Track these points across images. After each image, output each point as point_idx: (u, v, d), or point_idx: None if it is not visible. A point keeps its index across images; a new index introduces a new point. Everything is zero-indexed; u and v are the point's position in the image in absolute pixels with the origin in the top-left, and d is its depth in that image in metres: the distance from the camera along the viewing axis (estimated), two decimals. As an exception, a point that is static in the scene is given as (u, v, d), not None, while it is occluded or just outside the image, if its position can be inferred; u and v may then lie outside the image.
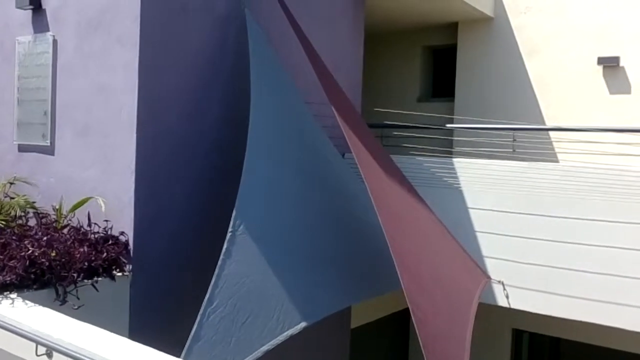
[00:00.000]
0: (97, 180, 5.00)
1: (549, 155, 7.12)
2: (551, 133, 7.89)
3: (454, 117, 8.42)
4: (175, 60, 5.07)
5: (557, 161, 7.34)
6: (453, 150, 7.46)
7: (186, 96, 5.16)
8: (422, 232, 5.17)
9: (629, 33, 7.84)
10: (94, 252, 4.43)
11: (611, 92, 7.95)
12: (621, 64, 7.88)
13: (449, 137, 7.34)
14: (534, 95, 8.49)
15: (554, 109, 8.34)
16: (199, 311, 4.07)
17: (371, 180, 4.55)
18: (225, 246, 4.31)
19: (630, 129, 6.10)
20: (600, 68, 8.01)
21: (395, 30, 9.66)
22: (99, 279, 4.39)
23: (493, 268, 6.06)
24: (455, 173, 6.35)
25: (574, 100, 8.18)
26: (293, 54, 5.86)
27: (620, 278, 5.43)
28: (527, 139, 6.62)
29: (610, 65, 7.91)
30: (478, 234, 6.19)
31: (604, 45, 8.01)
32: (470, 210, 6.24)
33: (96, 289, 4.31)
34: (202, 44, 5.30)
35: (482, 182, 6.21)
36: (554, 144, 7.74)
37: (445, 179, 6.36)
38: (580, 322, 5.72)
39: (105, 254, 4.47)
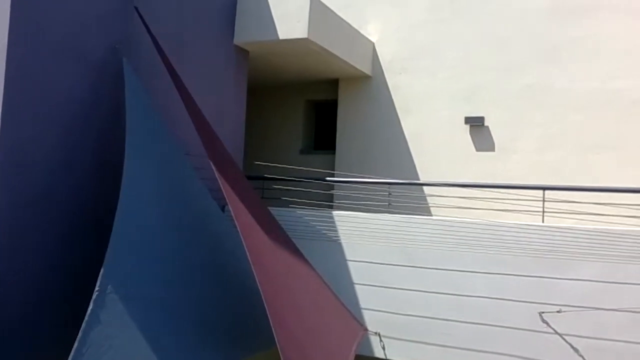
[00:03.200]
0: (-53, 235, 4.56)
1: (422, 209, 7.47)
2: (425, 188, 8.29)
3: (335, 171, 8.63)
4: (43, 107, 4.82)
5: (430, 215, 7.70)
6: (333, 203, 7.61)
7: (53, 146, 4.90)
8: (299, 287, 5.17)
9: (492, 96, 8.53)
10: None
11: (477, 150, 8.55)
12: (486, 123, 8.52)
13: (329, 191, 7.50)
14: (409, 151, 8.93)
15: (427, 164, 8.80)
16: (58, 379, 3.76)
17: (247, 235, 4.51)
18: (91, 307, 4.03)
19: (494, 185, 6.53)
20: (467, 127, 8.61)
21: (279, 84, 9.86)
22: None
23: (370, 320, 6.16)
24: (334, 226, 6.46)
25: (444, 156, 8.70)
26: (174, 105, 5.78)
27: (492, 327, 5.72)
28: (402, 193, 6.90)
29: (476, 124, 8.53)
30: (356, 286, 6.29)
31: (470, 106, 8.64)
32: (349, 263, 6.35)
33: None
34: (74, 91, 5.09)
35: (360, 234, 6.36)
36: (428, 198, 8.14)
37: (325, 231, 6.45)
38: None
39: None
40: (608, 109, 7.88)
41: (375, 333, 6.02)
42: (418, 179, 8.67)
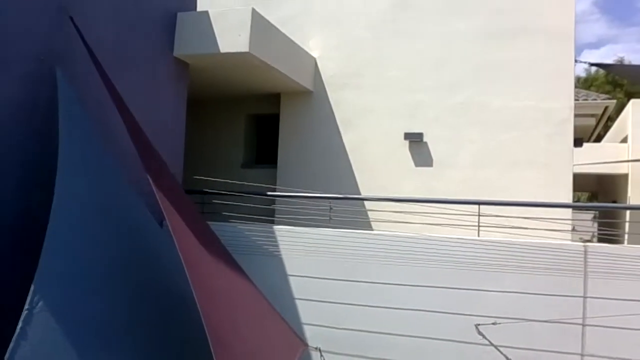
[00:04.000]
0: None
1: (363, 223, 7.54)
2: (365, 202, 8.39)
3: (276, 185, 8.62)
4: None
5: (371, 229, 7.79)
6: (274, 218, 7.59)
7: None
8: (239, 303, 5.11)
9: (430, 113, 8.75)
10: None
11: (416, 165, 8.73)
12: (424, 139, 8.73)
13: (270, 206, 7.47)
14: (350, 165, 9.03)
15: (367, 179, 8.92)
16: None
17: (186, 250, 4.43)
18: (19, 325, 3.85)
19: (432, 200, 6.68)
20: (406, 142, 8.79)
21: (220, 97, 9.79)
22: None
23: (311, 335, 6.16)
24: (275, 240, 6.45)
25: (384, 171, 8.84)
26: (110, 117, 5.63)
27: (430, 340, 5.82)
28: (343, 208, 6.96)
29: (415, 140, 8.72)
30: (297, 301, 6.29)
31: (410, 122, 8.83)
32: (290, 278, 6.35)
33: None
34: (6, 102, 4.89)
35: (300, 249, 6.37)
36: (368, 213, 8.23)
37: (266, 246, 6.42)
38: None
39: None
40: (538, 127, 8.21)
41: (316, 348, 6.00)
42: (359, 193, 8.77)
